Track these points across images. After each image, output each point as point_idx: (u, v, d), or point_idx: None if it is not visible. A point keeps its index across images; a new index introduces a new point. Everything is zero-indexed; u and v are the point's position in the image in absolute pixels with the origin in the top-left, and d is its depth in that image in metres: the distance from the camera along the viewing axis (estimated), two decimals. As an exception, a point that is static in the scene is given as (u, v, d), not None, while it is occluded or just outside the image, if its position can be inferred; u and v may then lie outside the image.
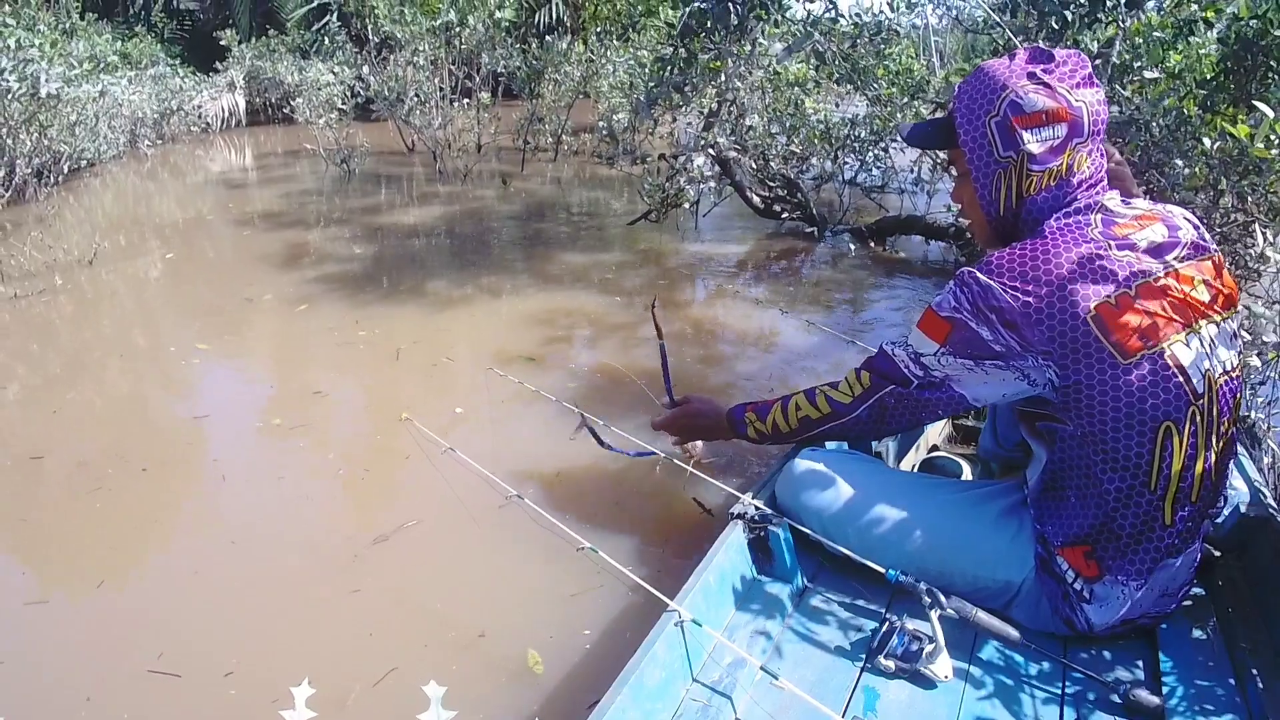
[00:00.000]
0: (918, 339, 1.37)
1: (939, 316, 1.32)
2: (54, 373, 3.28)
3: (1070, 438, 1.29)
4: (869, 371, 1.44)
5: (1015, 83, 1.28)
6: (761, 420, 1.58)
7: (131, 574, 2.05)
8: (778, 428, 1.56)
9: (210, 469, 2.55)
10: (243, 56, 12.56)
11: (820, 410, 1.50)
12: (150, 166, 8.90)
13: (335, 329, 3.72)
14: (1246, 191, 2.68)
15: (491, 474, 2.27)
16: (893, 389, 1.40)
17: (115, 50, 9.98)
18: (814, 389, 1.52)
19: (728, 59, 4.46)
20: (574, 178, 8.26)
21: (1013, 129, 1.28)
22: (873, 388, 1.42)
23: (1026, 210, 1.33)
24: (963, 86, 1.36)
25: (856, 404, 1.44)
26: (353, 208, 6.63)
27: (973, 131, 1.33)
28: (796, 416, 1.53)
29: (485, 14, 7.78)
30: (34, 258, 4.71)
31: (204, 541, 2.18)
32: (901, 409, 1.41)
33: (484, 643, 1.76)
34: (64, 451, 2.61)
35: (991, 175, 1.33)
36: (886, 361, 1.41)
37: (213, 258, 5.21)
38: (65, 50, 6.98)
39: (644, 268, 4.87)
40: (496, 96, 9.08)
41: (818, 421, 1.51)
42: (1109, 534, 1.28)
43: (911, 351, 1.37)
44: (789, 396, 1.56)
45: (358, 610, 1.88)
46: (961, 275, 1.30)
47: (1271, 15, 2.86)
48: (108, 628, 1.84)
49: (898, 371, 1.39)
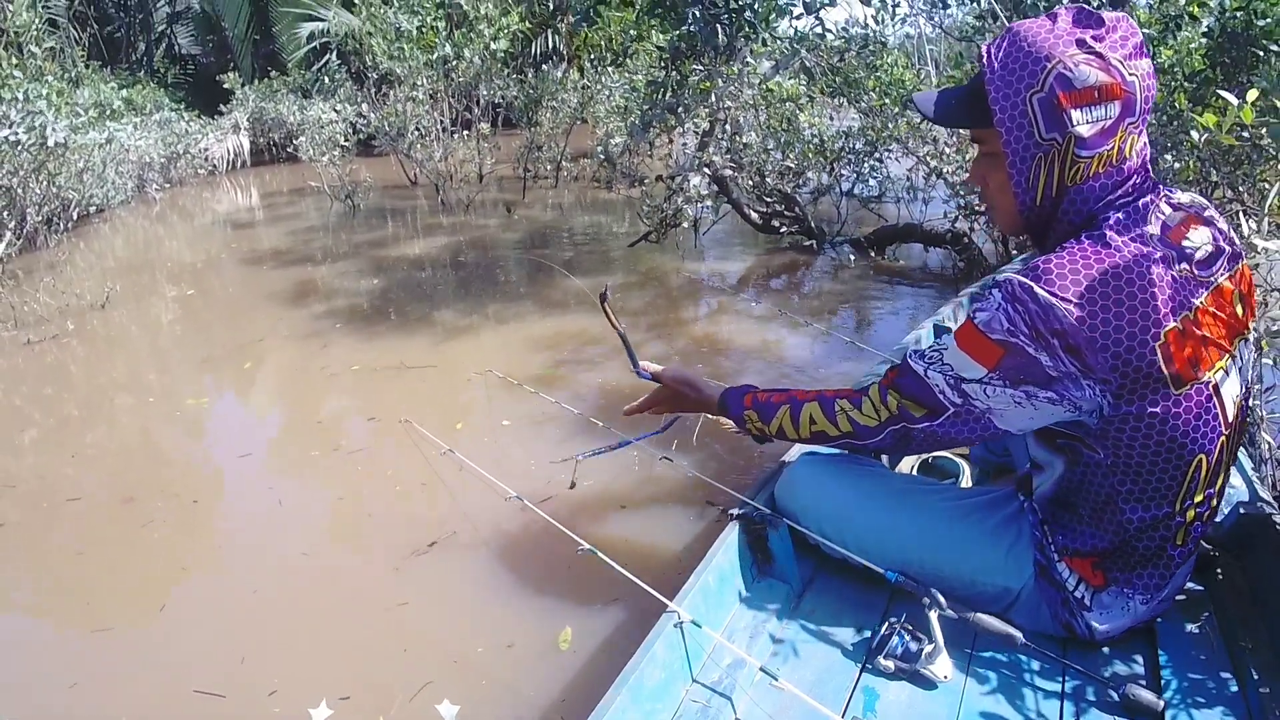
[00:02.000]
0: (960, 361, 1.17)
1: (988, 339, 1.13)
2: (73, 414, 3.34)
3: (1097, 465, 1.19)
4: (896, 394, 1.25)
5: (1063, 52, 1.09)
6: (765, 421, 1.42)
7: (190, 599, 2.12)
8: (784, 433, 1.41)
9: (264, 496, 2.62)
10: (246, 98, 12.73)
11: (839, 429, 1.34)
12: (159, 210, 9.03)
13: (349, 360, 3.77)
14: (1238, 182, 2.69)
15: (493, 477, 2.30)
16: (923, 419, 1.23)
17: (120, 97, 10.14)
18: (832, 402, 1.35)
19: (718, 79, 4.51)
20: (575, 203, 8.33)
21: (1060, 107, 1.10)
22: (899, 416, 1.25)
23: (1070, 200, 1.16)
24: (996, 53, 1.15)
25: (880, 429, 1.28)
26: (359, 242, 6.71)
27: (1010, 109, 1.13)
28: (810, 429, 1.37)
29: (481, 46, 7.88)
30: (47, 303, 4.79)
31: (254, 566, 2.24)
32: (927, 439, 1.25)
33: (510, 651, 1.79)
34: (101, 491, 2.67)
35: (1030, 159, 1.15)
36: (918, 384, 1.22)
37: (224, 298, 5.28)
38: (71, 99, 7.11)
39: (647, 288, 4.91)
40: (496, 126, 9.18)
41: (834, 438, 1.36)
42: (1122, 555, 1.25)
43: (951, 375, 1.18)
44: (799, 403, 1.38)
45: (394, 626, 1.93)
46: (1012, 288, 1.11)
47: (1256, 6, 2.89)
48: (165, 651, 1.91)
49: (931, 398, 1.21)
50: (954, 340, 1.18)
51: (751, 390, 1.46)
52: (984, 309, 1.14)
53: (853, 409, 1.31)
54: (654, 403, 1.60)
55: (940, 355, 1.20)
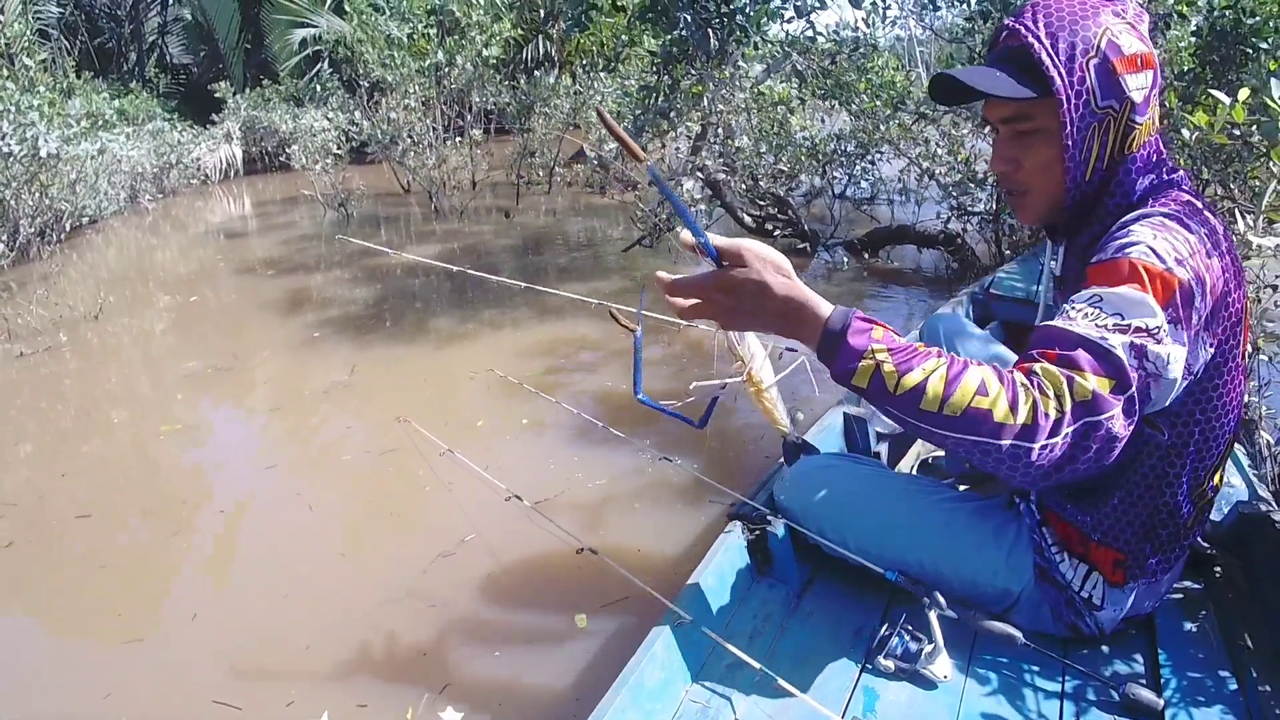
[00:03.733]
0: (1126, 304, 0.94)
1: (1157, 268, 0.95)
2: (68, 428, 3.33)
3: (1156, 446, 1.13)
4: (1073, 375, 0.90)
5: (1107, 19, 1.06)
6: (899, 368, 0.89)
7: (221, 606, 2.12)
8: (917, 397, 0.89)
9: (294, 502, 2.61)
10: (238, 108, 12.72)
11: (1016, 418, 0.88)
12: (152, 220, 9.01)
13: (344, 369, 3.76)
14: (1229, 180, 2.71)
15: (493, 478, 2.30)
16: (1109, 403, 0.90)
17: (112, 107, 10.14)
18: (1010, 377, 0.91)
19: (709, 83, 4.53)
20: (569, 208, 8.34)
21: (1115, 73, 1.05)
22: (1092, 403, 0.89)
23: (1125, 170, 1.10)
24: (1035, 24, 1.07)
25: (1059, 426, 0.88)
26: (352, 250, 6.70)
27: (1069, 76, 1.05)
28: (967, 403, 0.88)
29: (473, 53, 7.89)
30: (40, 315, 4.77)
31: (286, 572, 2.24)
32: (1106, 441, 0.90)
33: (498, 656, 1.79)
34: (111, 507, 2.65)
35: (1087, 130, 1.07)
36: (1099, 352, 0.91)
37: (218, 307, 5.27)
38: (63, 110, 7.10)
39: (641, 292, 4.91)
40: (489, 133, 9.19)
41: (993, 429, 0.88)
42: (1144, 546, 1.23)
43: (1121, 324, 0.93)
44: (963, 363, 0.91)
45: (397, 633, 1.92)
46: (1162, 218, 1.02)
47: (1244, 4, 2.92)
48: (190, 660, 1.90)
49: (1119, 369, 0.91)
50: (1108, 288, 0.97)
51: (877, 322, 0.94)
52: (1134, 244, 0.99)
53: (1039, 394, 0.89)
54: (713, 288, 0.93)
55: (1099, 308, 0.95)
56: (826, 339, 0.91)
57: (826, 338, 0.91)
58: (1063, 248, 1.24)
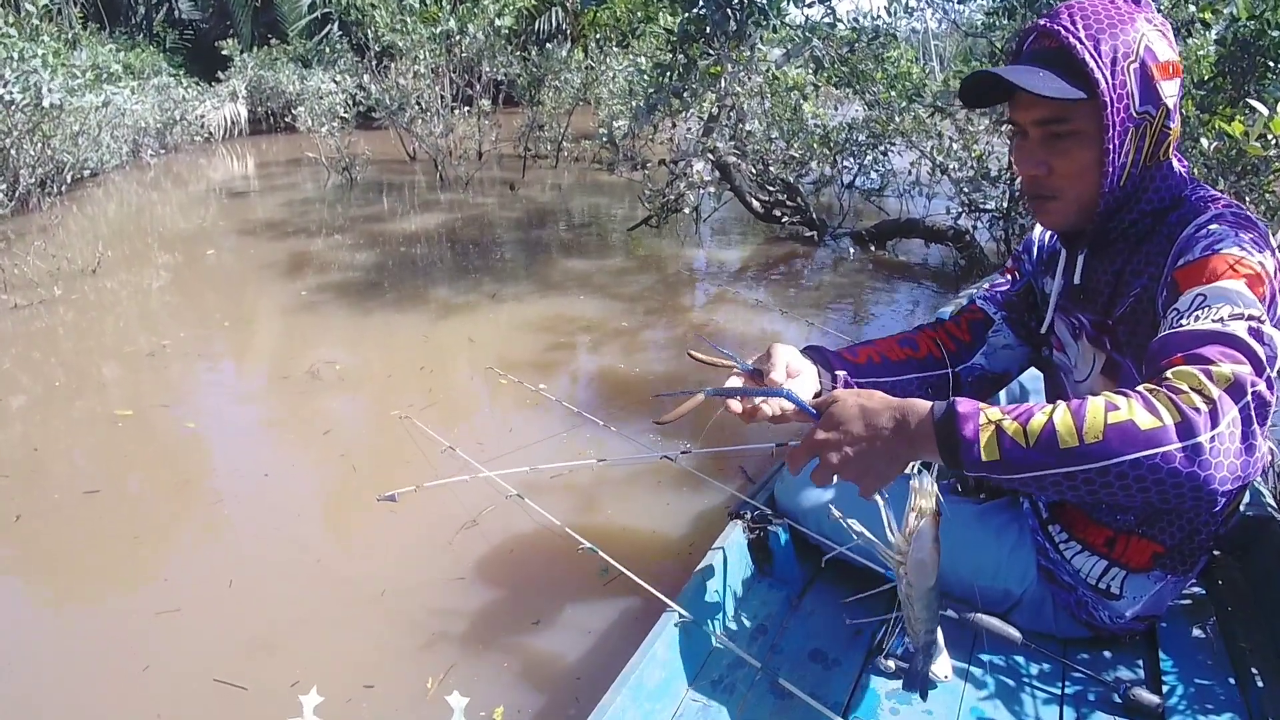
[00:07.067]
0: (1233, 294, 0.94)
1: (1247, 260, 0.96)
2: (60, 382, 3.30)
3: None
4: (1207, 366, 0.86)
5: (1143, 24, 1.05)
6: (1021, 423, 0.87)
7: (260, 575, 2.08)
8: (1051, 443, 0.85)
9: (251, 482, 2.55)
10: (245, 66, 12.62)
11: (1161, 417, 0.83)
12: (153, 176, 8.94)
13: (338, 343, 3.73)
14: (1245, 191, 2.69)
15: (495, 475, 2.28)
16: (1259, 380, 0.86)
17: (118, 60, 10.03)
18: (1133, 391, 0.87)
19: (726, 64, 4.48)
20: (575, 184, 8.28)
21: (1153, 78, 1.05)
22: (1239, 386, 0.84)
23: (1162, 176, 1.10)
24: (1074, 26, 1.06)
25: (1216, 415, 0.82)
26: (355, 216, 6.65)
27: (1113, 79, 1.04)
28: (1100, 424, 0.84)
29: (485, 22, 7.80)
30: (37, 266, 4.73)
31: (290, 554, 2.19)
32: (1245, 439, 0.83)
33: (490, 648, 1.77)
34: (122, 482, 2.57)
35: (1125, 134, 1.06)
36: (1227, 341, 0.89)
37: (216, 267, 5.23)
38: (68, 60, 7.02)
39: (645, 273, 4.88)
40: (497, 104, 9.10)
41: (1148, 434, 0.82)
42: (1188, 540, 1.23)
43: (1239, 313, 0.91)
44: (1076, 400, 0.88)
45: (393, 623, 1.90)
46: (1233, 214, 1.03)
47: (1269, 16, 2.88)
48: (193, 640, 1.86)
49: (1254, 355, 0.88)
50: (1208, 284, 0.96)
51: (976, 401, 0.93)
52: (1220, 241, 0.99)
53: (1171, 393, 0.84)
54: (815, 441, 0.96)
55: (1205, 306, 0.94)
56: (940, 421, 0.91)
57: (939, 420, 0.91)
58: (1082, 256, 1.20)
